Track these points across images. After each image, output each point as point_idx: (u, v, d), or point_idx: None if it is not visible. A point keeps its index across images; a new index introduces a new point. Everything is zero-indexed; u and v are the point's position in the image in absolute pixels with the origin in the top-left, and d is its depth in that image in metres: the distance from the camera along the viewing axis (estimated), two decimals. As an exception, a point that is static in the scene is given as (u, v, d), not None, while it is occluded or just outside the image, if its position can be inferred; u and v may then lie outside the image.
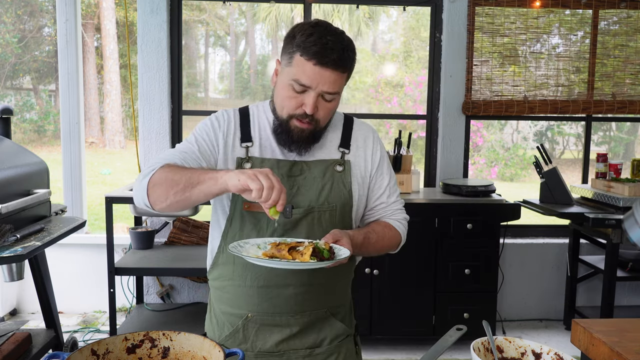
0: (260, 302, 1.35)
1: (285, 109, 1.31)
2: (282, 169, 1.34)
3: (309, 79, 1.26)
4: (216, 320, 1.44)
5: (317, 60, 1.24)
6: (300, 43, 1.25)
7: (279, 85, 1.32)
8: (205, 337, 1.13)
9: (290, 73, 1.27)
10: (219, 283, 1.41)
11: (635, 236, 1.40)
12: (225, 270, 1.38)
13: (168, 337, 1.15)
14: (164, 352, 1.14)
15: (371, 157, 1.45)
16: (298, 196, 1.34)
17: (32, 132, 11.71)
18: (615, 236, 3.15)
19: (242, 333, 1.37)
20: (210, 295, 1.48)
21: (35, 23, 11.76)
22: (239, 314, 1.38)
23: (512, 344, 1.24)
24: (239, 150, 1.36)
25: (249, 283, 1.35)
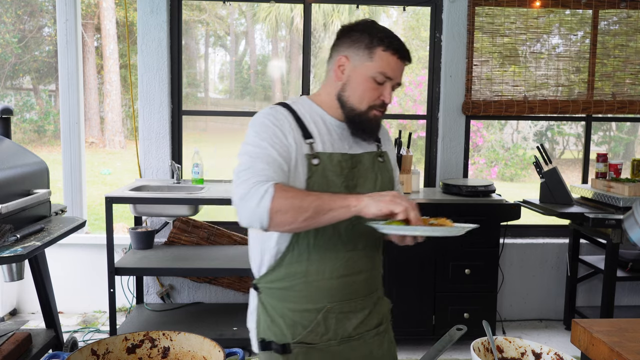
0: (339, 291, 1.39)
1: (365, 101, 1.38)
2: (347, 162, 1.39)
3: (393, 71, 1.36)
4: (282, 321, 1.40)
5: (400, 54, 1.36)
6: (384, 38, 1.35)
7: (356, 79, 1.37)
8: (205, 337, 1.13)
9: (372, 67, 1.35)
10: (286, 283, 1.38)
11: (635, 236, 1.40)
12: (296, 268, 1.37)
13: (168, 337, 1.15)
14: (164, 352, 1.14)
15: (391, 150, 1.57)
16: (358, 188, 1.41)
17: (32, 132, 11.71)
18: (615, 236, 3.15)
19: (323, 325, 1.39)
20: (265, 298, 1.43)
21: (35, 23, 11.76)
22: (317, 308, 1.38)
23: (512, 344, 1.24)
24: (304, 147, 1.36)
25: (328, 275, 1.38)
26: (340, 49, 1.40)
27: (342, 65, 1.39)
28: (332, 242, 1.36)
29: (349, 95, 1.38)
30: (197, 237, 3.61)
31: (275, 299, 1.42)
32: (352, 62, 1.37)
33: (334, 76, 1.40)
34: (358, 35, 1.37)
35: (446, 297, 3.31)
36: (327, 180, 1.35)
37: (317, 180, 1.34)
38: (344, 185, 1.37)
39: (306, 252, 1.36)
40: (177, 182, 3.46)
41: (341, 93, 1.40)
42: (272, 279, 1.41)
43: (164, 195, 3.11)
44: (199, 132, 10.51)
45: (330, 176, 1.36)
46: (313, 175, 1.34)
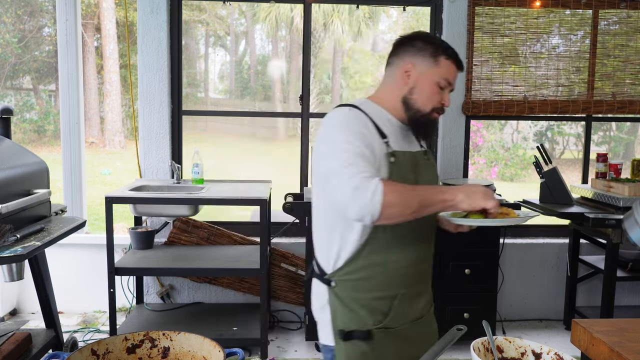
0: (411, 278, 1.52)
1: (430, 103, 1.51)
2: (415, 159, 1.52)
3: (453, 77, 1.53)
4: (362, 309, 1.48)
5: (457, 64, 1.53)
6: (446, 48, 1.52)
7: (423, 84, 1.51)
8: (205, 337, 1.13)
9: (438, 73, 1.50)
10: (364, 273, 1.47)
11: (635, 236, 1.40)
12: (375, 259, 1.47)
13: (168, 337, 1.15)
14: (164, 352, 1.14)
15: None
16: (420, 183, 1.51)
17: (32, 132, 11.71)
18: (615, 236, 3.15)
19: (399, 310, 1.50)
20: (341, 291, 1.49)
21: (35, 23, 11.76)
22: (391, 295, 1.49)
23: (512, 344, 1.24)
24: (383, 147, 1.45)
25: (403, 264, 1.49)
26: (404, 57, 1.53)
27: (408, 71, 1.52)
28: (410, 235, 1.48)
29: (416, 98, 1.51)
30: (197, 237, 3.61)
31: (353, 289, 1.49)
32: (417, 68, 1.51)
33: (400, 81, 1.53)
34: (422, 45, 1.51)
35: (446, 297, 3.31)
36: (403, 177, 1.45)
37: (395, 178, 1.43)
38: (413, 181, 1.48)
39: (385, 244, 1.46)
40: (177, 182, 3.46)
41: (408, 96, 1.52)
42: (349, 270, 1.48)
43: (164, 195, 3.11)
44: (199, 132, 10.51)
45: (405, 173, 1.47)
46: (392, 173, 1.44)
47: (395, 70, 1.55)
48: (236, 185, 3.51)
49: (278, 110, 10.92)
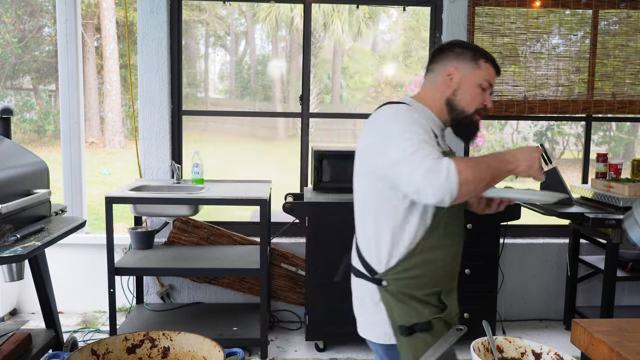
0: (453, 272, 1.61)
1: (474, 105, 1.57)
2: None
3: (493, 79, 1.61)
4: (418, 303, 1.53)
5: (495, 67, 1.61)
6: (484, 53, 1.60)
7: (467, 86, 1.57)
8: (205, 337, 1.13)
9: (480, 75, 1.57)
10: (418, 271, 1.52)
11: (635, 236, 1.40)
12: (428, 256, 1.52)
13: (168, 337, 1.15)
14: (164, 352, 1.14)
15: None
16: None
17: (32, 132, 11.71)
18: (615, 236, 3.15)
19: (448, 305, 1.55)
20: (394, 289, 1.53)
21: (35, 23, 11.76)
22: (436, 291, 1.54)
23: (512, 344, 1.24)
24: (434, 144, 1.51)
25: (449, 260, 1.56)
26: (445, 62, 1.60)
27: (451, 74, 1.58)
28: (457, 229, 1.57)
29: (460, 99, 1.57)
30: (197, 237, 3.61)
31: (407, 287, 1.52)
32: (460, 71, 1.57)
33: (442, 84, 1.59)
34: (461, 50, 1.59)
35: (446, 297, 3.31)
36: None
37: None
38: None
39: (437, 241, 1.52)
40: (177, 182, 3.46)
41: (452, 98, 1.58)
42: (403, 268, 1.51)
43: (164, 195, 3.11)
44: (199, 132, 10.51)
45: None
46: None
47: (436, 76, 1.62)
48: (236, 185, 3.51)
49: (278, 110, 10.93)
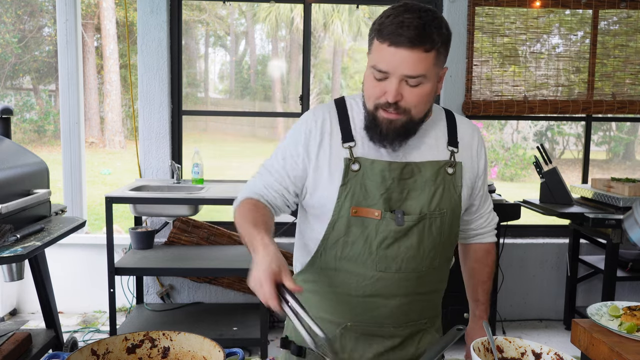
0: (363, 311, 1.29)
1: (370, 99, 1.22)
2: (393, 172, 1.25)
3: (385, 63, 1.16)
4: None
5: (390, 40, 1.14)
6: (377, 26, 1.18)
7: (364, 76, 1.24)
8: (205, 337, 1.13)
9: (370, 60, 1.20)
10: (313, 287, 1.34)
11: (635, 236, 1.40)
12: (323, 276, 1.31)
13: (168, 337, 1.15)
14: (164, 352, 1.14)
15: (477, 158, 1.36)
16: (408, 201, 1.26)
17: (32, 132, 11.71)
18: (615, 236, 3.15)
19: (339, 341, 1.31)
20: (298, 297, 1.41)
21: (35, 23, 11.76)
22: (337, 322, 1.31)
23: (512, 344, 1.24)
24: (342, 151, 1.26)
25: (353, 292, 1.28)
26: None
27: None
28: (362, 258, 1.25)
29: (364, 92, 1.26)
30: (197, 237, 3.61)
31: (305, 300, 1.35)
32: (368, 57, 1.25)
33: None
34: (370, 29, 1.23)
35: (446, 297, 3.30)
36: (366, 189, 1.24)
37: (353, 188, 1.24)
38: (383, 197, 1.24)
39: (334, 262, 1.28)
40: (177, 182, 3.47)
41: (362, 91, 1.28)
42: (304, 278, 1.37)
43: (164, 195, 3.11)
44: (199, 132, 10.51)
45: (369, 186, 1.24)
46: (349, 182, 1.24)
47: None
48: (236, 185, 3.51)
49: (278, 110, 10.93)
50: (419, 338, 1.36)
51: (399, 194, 1.25)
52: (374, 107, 1.22)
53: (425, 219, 1.26)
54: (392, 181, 1.25)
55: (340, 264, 1.28)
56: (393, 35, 1.14)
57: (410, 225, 1.25)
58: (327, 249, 1.28)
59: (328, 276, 1.30)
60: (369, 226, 1.24)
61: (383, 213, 1.23)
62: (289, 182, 1.31)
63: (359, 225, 1.25)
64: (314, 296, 1.35)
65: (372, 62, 1.19)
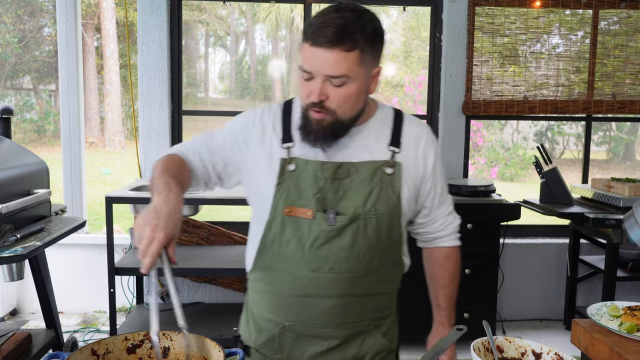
0: (299, 311, 1.29)
1: (302, 100, 1.23)
2: (326, 172, 1.24)
3: (308, 63, 1.17)
4: (253, 323, 1.38)
5: (312, 40, 1.15)
6: (305, 26, 1.19)
7: (298, 77, 1.25)
8: (205, 337, 1.13)
9: (300, 60, 1.20)
10: (259, 286, 1.35)
11: (635, 236, 1.40)
12: (265, 275, 1.32)
13: (168, 337, 1.15)
14: (164, 352, 1.14)
15: (423, 157, 1.33)
16: (343, 201, 1.25)
17: (32, 132, 11.71)
18: (615, 236, 3.15)
19: (278, 342, 1.32)
20: (248, 297, 1.42)
21: (35, 23, 11.76)
22: (276, 322, 1.32)
23: (512, 344, 1.24)
24: (280, 151, 1.27)
25: (288, 291, 1.28)
26: None
27: None
28: (295, 258, 1.25)
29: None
30: (197, 237, 3.61)
31: (252, 300, 1.40)
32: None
33: None
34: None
35: (446, 297, 3.31)
36: (300, 189, 1.24)
37: (288, 188, 1.25)
38: (316, 197, 1.24)
39: (272, 261, 1.29)
40: (177, 182, 3.46)
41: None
42: (253, 277, 1.38)
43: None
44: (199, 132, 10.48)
45: (303, 186, 1.24)
46: (284, 181, 1.25)
47: None
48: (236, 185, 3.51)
49: (278, 110, 10.91)
50: (361, 340, 1.34)
51: (333, 193, 1.25)
52: (305, 107, 1.23)
53: (359, 219, 1.24)
54: (325, 181, 1.24)
55: (277, 263, 1.28)
56: (314, 35, 1.15)
57: (342, 225, 1.24)
58: (265, 248, 1.29)
59: (268, 275, 1.31)
60: (302, 226, 1.24)
61: (315, 213, 1.23)
62: (219, 160, 1.32)
63: (293, 225, 1.25)
64: (257, 295, 1.36)
65: (299, 62, 1.19)
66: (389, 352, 1.41)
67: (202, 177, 1.33)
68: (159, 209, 1.07)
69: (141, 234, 1.05)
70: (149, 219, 1.05)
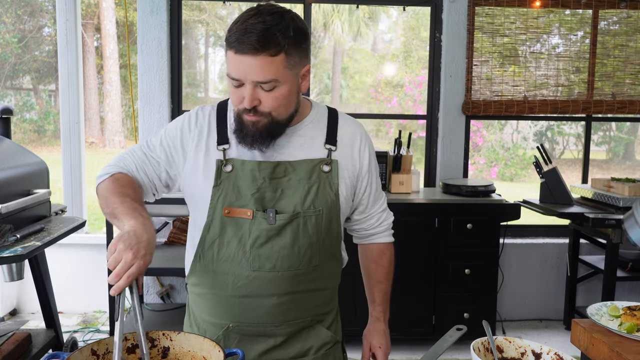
0: (241, 312, 1.29)
1: (234, 105, 1.23)
2: (263, 172, 1.26)
3: (235, 70, 1.16)
4: (197, 327, 1.38)
5: (235, 48, 1.14)
6: (227, 34, 1.17)
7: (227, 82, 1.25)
8: (205, 337, 1.13)
9: (227, 69, 1.19)
10: (199, 290, 1.35)
11: (635, 236, 1.40)
12: (204, 278, 1.32)
13: (168, 337, 1.15)
14: (164, 352, 1.14)
15: (359, 156, 1.36)
16: (282, 200, 1.27)
17: (32, 132, 11.71)
18: (615, 236, 3.15)
19: (222, 343, 1.31)
20: (189, 301, 1.42)
21: (35, 23, 11.76)
22: (220, 324, 1.32)
23: (512, 344, 1.24)
24: (216, 153, 1.28)
25: (230, 293, 1.28)
26: None
27: None
28: (237, 258, 1.26)
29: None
30: (197, 237, 3.61)
31: (194, 303, 1.39)
32: None
33: None
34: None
35: (446, 297, 3.31)
36: (238, 189, 1.25)
37: (226, 189, 1.25)
38: (254, 197, 1.25)
39: (211, 263, 1.29)
40: (177, 182, 3.46)
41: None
42: (191, 282, 1.37)
43: (164, 195, 3.10)
44: (199, 132, 10.46)
45: (241, 186, 1.25)
46: (222, 183, 1.26)
47: None
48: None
49: (278, 110, 10.91)
50: (305, 335, 1.35)
51: (272, 193, 1.26)
52: (238, 112, 1.23)
53: (298, 217, 1.26)
54: (263, 180, 1.26)
55: (217, 265, 1.28)
56: (237, 43, 1.14)
57: (282, 223, 1.25)
58: (204, 251, 1.29)
59: (208, 278, 1.31)
60: (243, 226, 1.25)
61: (255, 212, 1.24)
62: (162, 170, 1.33)
63: (233, 226, 1.26)
64: (198, 298, 1.36)
65: (227, 71, 1.19)
66: (334, 343, 1.41)
67: (150, 190, 1.35)
68: (139, 235, 1.07)
69: (119, 257, 1.05)
70: (130, 243, 1.05)
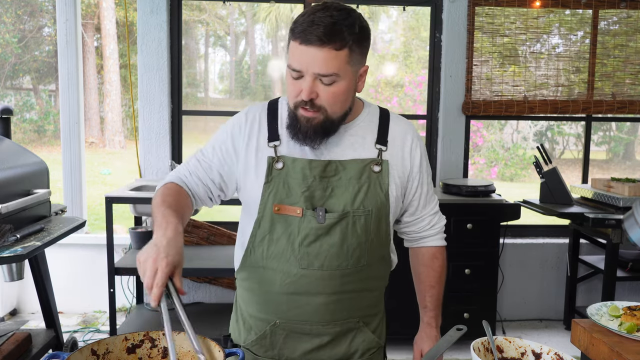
0: (288, 309, 1.30)
1: (290, 98, 1.24)
2: (314, 170, 1.26)
3: (297, 61, 1.18)
4: (243, 322, 1.39)
5: (301, 39, 1.16)
6: (292, 25, 1.19)
7: (285, 76, 1.26)
8: (205, 337, 1.13)
9: (288, 59, 1.21)
10: (248, 284, 1.36)
11: (635, 236, 1.40)
12: (254, 274, 1.33)
13: (168, 337, 1.15)
14: (164, 352, 1.14)
15: (410, 155, 1.35)
16: (332, 199, 1.27)
17: (32, 132, 11.71)
18: (615, 236, 3.15)
19: (269, 339, 1.33)
20: (237, 296, 1.44)
21: (35, 23, 11.75)
22: (267, 320, 1.33)
23: (512, 344, 1.24)
24: (267, 150, 1.29)
25: (278, 289, 1.29)
26: None
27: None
28: (285, 256, 1.27)
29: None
30: (197, 237, 3.61)
31: (241, 298, 1.41)
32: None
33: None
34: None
35: (446, 297, 3.30)
36: (289, 187, 1.26)
37: (277, 186, 1.26)
38: (304, 195, 1.25)
39: (261, 259, 1.30)
40: (177, 182, 3.46)
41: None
42: (240, 277, 1.39)
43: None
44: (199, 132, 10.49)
45: (292, 184, 1.26)
46: (272, 180, 1.27)
47: None
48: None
49: (278, 110, 10.90)
50: (351, 337, 1.35)
51: (322, 191, 1.27)
52: (294, 106, 1.24)
53: (348, 217, 1.26)
54: (313, 179, 1.26)
55: (266, 261, 1.29)
56: (303, 34, 1.15)
57: (332, 222, 1.26)
58: (255, 246, 1.30)
59: (257, 274, 1.32)
60: (292, 224, 1.26)
61: (304, 211, 1.25)
62: (215, 174, 1.34)
63: (282, 223, 1.27)
64: (246, 293, 1.38)
65: (288, 61, 1.20)
66: (378, 348, 1.40)
67: (204, 195, 1.36)
68: (157, 242, 1.09)
69: (144, 268, 1.08)
70: (150, 253, 1.08)
